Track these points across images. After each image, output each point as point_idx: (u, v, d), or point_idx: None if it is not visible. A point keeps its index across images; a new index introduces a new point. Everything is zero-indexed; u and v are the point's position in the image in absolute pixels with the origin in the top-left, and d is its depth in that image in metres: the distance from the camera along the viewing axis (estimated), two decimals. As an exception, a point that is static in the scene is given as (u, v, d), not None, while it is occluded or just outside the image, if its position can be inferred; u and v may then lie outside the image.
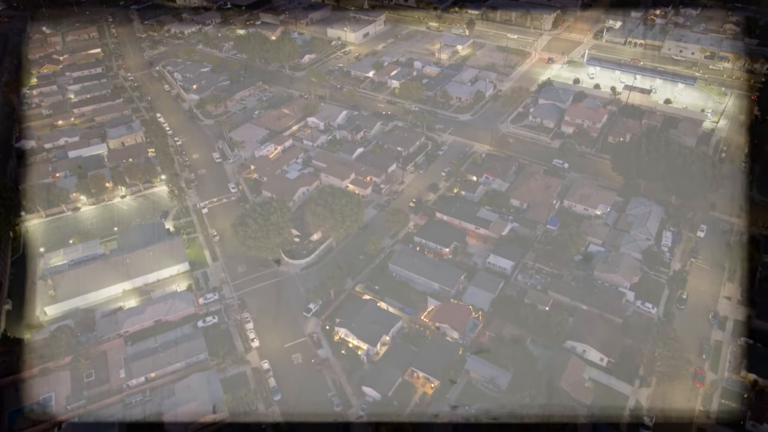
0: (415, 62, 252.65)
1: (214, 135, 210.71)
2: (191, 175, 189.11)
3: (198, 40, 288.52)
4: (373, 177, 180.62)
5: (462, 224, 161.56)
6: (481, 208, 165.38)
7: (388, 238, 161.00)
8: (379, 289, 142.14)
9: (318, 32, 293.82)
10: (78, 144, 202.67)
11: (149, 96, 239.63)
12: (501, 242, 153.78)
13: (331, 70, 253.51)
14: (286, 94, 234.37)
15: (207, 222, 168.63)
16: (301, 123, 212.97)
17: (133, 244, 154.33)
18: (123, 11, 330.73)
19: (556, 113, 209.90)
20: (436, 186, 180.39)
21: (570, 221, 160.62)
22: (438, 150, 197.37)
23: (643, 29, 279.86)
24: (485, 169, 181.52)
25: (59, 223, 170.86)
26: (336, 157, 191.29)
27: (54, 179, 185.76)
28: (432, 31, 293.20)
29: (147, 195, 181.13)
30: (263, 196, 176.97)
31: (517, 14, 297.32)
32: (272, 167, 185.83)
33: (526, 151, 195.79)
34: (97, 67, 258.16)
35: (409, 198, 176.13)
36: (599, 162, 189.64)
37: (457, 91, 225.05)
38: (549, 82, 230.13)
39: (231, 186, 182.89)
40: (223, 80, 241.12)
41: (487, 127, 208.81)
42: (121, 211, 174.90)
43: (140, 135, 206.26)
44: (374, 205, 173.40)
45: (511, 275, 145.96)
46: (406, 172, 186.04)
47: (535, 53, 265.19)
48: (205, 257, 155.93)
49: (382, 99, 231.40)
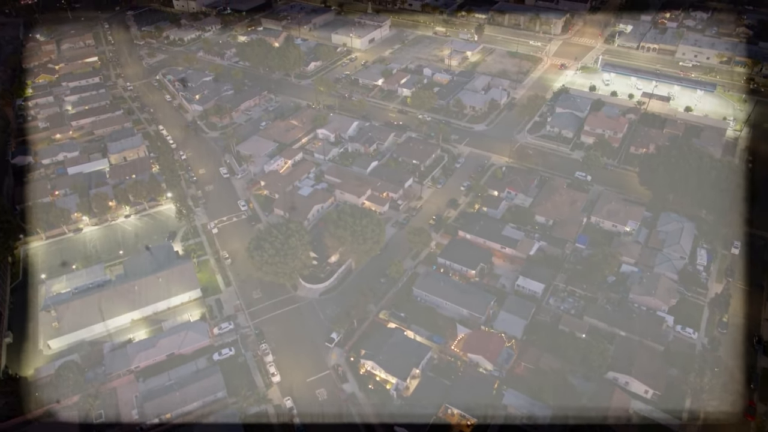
0: (425, 69, 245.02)
1: (220, 148, 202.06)
2: (198, 192, 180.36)
3: (198, 47, 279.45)
4: (389, 193, 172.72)
5: (487, 243, 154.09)
6: (506, 225, 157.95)
7: (409, 259, 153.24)
8: (405, 316, 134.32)
9: (322, 38, 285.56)
10: (78, 159, 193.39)
11: (150, 107, 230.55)
12: (529, 263, 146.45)
13: (338, 78, 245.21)
14: (293, 104, 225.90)
15: (217, 243, 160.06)
16: (311, 135, 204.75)
17: (140, 269, 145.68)
18: (119, 17, 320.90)
19: (574, 122, 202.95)
20: (455, 202, 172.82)
21: (599, 239, 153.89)
22: (455, 162, 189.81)
23: (654, 33, 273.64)
24: (506, 183, 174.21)
25: (60, 246, 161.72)
26: (349, 171, 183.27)
27: (53, 198, 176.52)
28: (439, 36, 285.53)
29: (152, 214, 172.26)
30: (275, 214, 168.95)
31: (525, 18, 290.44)
32: (283, 183, 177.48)
33: (546, 163, 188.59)
34: (94, 76, 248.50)
35: (429, 215, 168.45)
36: (623, 174, 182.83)
37: (470, 100, 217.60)
38: (565, 89, 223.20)
39: (241, 203, 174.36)
40: (226, 90, 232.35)
41: (503, 138, 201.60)
42: (126, 231, 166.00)
43: (143, 149, 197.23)
44: (392, 223, 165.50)
45: (543, 299, 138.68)
46: (423, 187, 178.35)
47: (547, 59, 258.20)
48: (217, 282, 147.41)
49: (392, 108, 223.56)
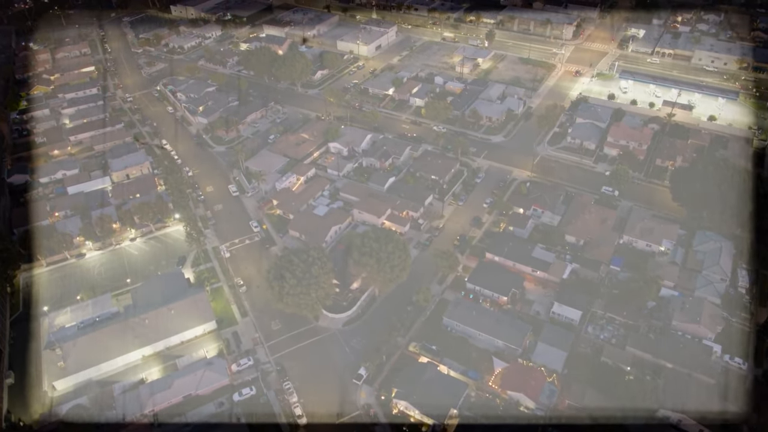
0: (436, 77, 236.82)
1: (227, 164, 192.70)
2: (207, 212, 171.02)
3: (199, 55, 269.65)
4: (409, 211, 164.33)
5: (516, 266, 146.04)
6: (535, 246, 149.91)
7: (435, 284, 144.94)
8: (437, 349, 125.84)
9: (327, 45, 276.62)
10: (78, 177, 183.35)
11: (152, 119, 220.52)
12: (563, 287, 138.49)
13: (346, 87, 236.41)
14: (301, 116, 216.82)
15: (230, 268, 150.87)
16: (322, 149, 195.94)
17: (150, 299, 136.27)
18: (115, 24, 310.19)
19: (596, 133, 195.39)
20: (479, 220, 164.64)
21: (634, 260, 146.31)
22: (475, 177, 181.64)
23: (668, 38, 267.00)
24: (532, 200, 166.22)
25: (63, 273, 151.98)
26: (366, 188, 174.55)
27: (53, 220, 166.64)
28: (448, 42, 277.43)
29: (159, 237, 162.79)
30: (290, 235, 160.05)
31: (536, 23, 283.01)
32: (297, 202, 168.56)
33: (570, 177, 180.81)
34: (92, 87, 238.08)
35: (452, 235, 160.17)
36: (651, 188, 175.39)
37: (487, 110, 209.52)
38: (584, 98, 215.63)
39: (253, 224, 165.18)
40: (231, 101, 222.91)
41: (523, 150, 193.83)
42: (132, 256, 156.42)
43: (146, 166, 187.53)
44: (414, 244, 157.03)
45: (581, 327, 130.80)
46: (444, 204, 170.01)
47: (561, 65, 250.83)
48: (232, 312, 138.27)
49: (405, 119, 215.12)
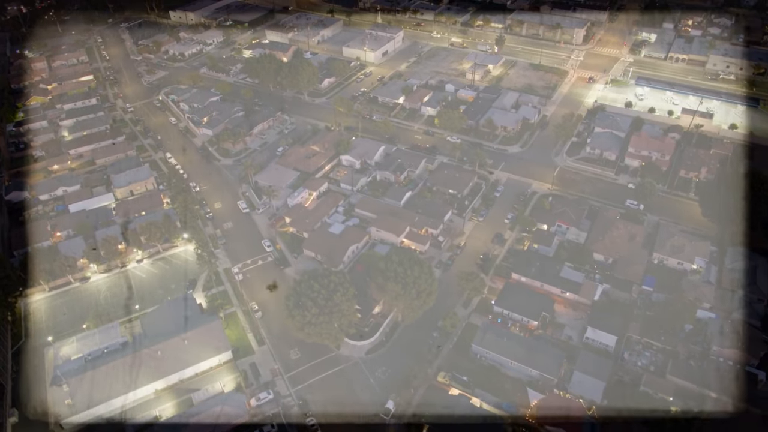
0: (447, 85, 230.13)
1: (235, 178, 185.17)
2: (216, 230, 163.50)
3: (201, 63, 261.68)
4: (429, 229, 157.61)
5: (544, 287, 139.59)
6: (563, 266, 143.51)
7: (460, 306, 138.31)
8: (467, 380, 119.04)
9: (332, 51, 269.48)
10: (79, 194, 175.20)
11: (154, 131, 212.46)
12: (595, 310, 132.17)
13: (354, 95, 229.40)
14: (310, 126, 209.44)
15: (243, 292, 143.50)
16: (334, 161, 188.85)
17: (161, 327, 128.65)
18: (112, 30, 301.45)
19: (615, 143, 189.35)
20: (501, 237, 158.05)
21: (666, 280, 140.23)
22: (494, 191, 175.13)
23: (681, 43, 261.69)
24: (556, 215, 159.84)
25: (66, 299, 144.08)
26: (382, 204, 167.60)
27: (55, 240, 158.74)
28: (456, 47, 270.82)
29: (167, 258, 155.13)
30: (305, 255, 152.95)
31: (545, 28, 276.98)
32: (311, 219, 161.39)
33: (592, 189, 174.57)
34: (90, 97, 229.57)
35: (474, 253, 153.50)
36: (677, 201, 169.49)
37: (502, 120, 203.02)
38: (601, 107, 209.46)
39: (266, 244, 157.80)
40: (237, 111, 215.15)
41: (541, 161, 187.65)
42: (139, 279, 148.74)
43: (151, 181, 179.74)
44: (435, 264, 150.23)
45: (617, 354, 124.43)
46: (464, 221, 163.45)
47: (573, 71, 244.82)
48: (249, 341, 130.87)
49: (417, 129, 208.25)
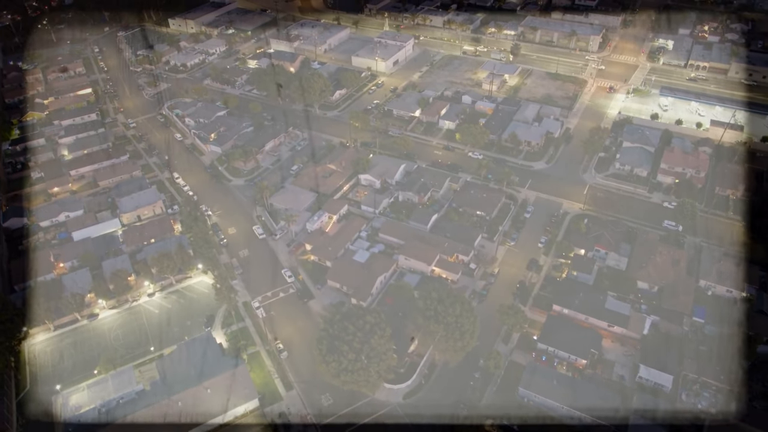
0: (464, 96, 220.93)
1: (248, 200, 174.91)
2: (232, 259, 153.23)
3: (204, 74, 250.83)
4: (459, 255, 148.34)
5: (589, 320, 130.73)
6: (607, 296, 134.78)
7: (499, 342, 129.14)
8: (518, 429, 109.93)
9: (340, 60, 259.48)
10: (83, 220, 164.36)
11: (159, 149, 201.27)
12: (646, 346, 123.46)
13: (368, 108, 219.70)
14: (324, 142, 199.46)
15: (265, 328, 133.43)
16: (352, 181, 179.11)
17: (180, 372, 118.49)
18: (109, 39, 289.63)
19: (646, 159, 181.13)
20: (536, 263, 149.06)
21: (716, 310, 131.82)
22: (524, 212, 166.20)
23: (700, 49, 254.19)
24: (593, 239, 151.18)
25: (74, 339, 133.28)
26: (407, 228, 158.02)
27: (58, 272, 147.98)
28: (469, 56, 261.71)
29: (181, 291, 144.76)
30: (329, 286, 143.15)
31: (560, 34, 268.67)
32: (333, 246, 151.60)
33: (626, 209, 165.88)
34: (90, 112, 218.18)
35: (509, 282, 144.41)
36: (715, 221, 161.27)
37: (525, 134, 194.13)
38: (628, 119, 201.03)
39: (286, 274, 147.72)
40: (245, 126, 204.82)
41: (569, 178, 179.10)
42: (152, 316, 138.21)
43: (159, 205, 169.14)
44: (469, 294, 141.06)
45: (674, 395, 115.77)
46: (495, 245, 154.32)
47: (592, 80, 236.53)
48: (275, 385, 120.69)
49: (436, 144, 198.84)
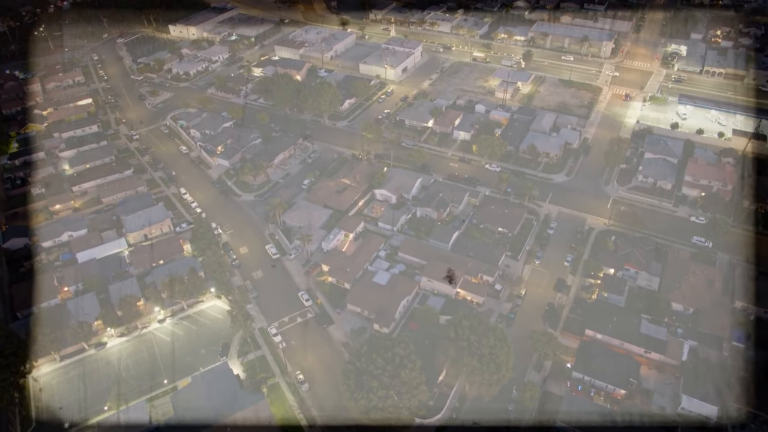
0: (477, 105, 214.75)
1: (259, 217, 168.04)
2: (246, 282, 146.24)
3: (207, 82, 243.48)
4: (484, 276, 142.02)
5: (624, 346, 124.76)
6: (641, 319, 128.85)
7: (531, 370, 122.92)
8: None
9: (347, 68, 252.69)
10: (87, 240, 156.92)
11: (164, 162, 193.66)
12: (686, 373, 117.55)
13: (379, 118, 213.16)
14: (336, 154, 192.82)
15: (284, 358, 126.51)
16: (367, 196, 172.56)
17: (197, 409, 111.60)
18: (108, 46, 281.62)
19: (670, 171, 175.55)
20: (564, 283, 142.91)
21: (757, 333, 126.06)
22: (547, 228, 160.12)
23: (715, 55, 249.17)
24: (622, 257, 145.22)
25: (81, 370, 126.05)
26: (427, 246, 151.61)
27: (63, 297, 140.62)
28: (479, 62, 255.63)
29: (193, 316, 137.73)
30: (349, 310, 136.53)
31: (571, 40, 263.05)
32: (351, 267, 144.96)
33: (653, 224, 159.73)
34: (91, 123, 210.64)
35: (537, 304, 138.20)
36: (745, 237, 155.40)
37: (543, 145, 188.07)
38: (649, 129, 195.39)
39: (303, 297, 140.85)
40: (254, 138, 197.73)
41: (591, 191, 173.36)
42: (163, 344, 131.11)
43: (167, 223, 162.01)
44: (496, 318, 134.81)
45: (722, 428, 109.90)
46: (519, 264, 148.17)
47: (607, 88, 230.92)
48: (297, 421, 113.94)
49: (451, 156, 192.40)
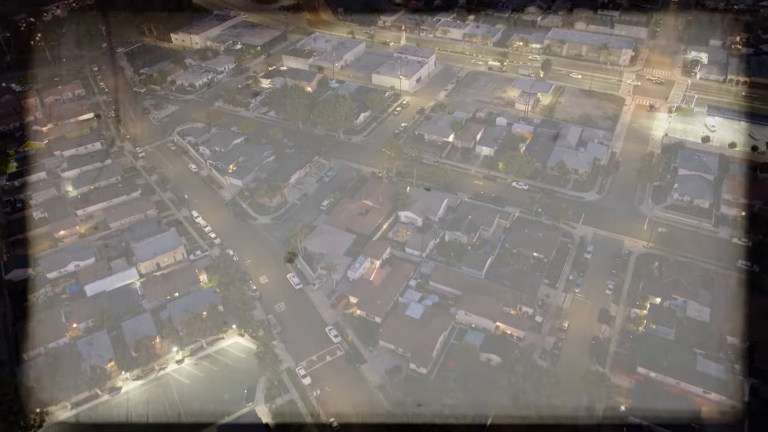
0: (498, 118, 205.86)
1: (277, 241, 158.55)
2: (268, 316, 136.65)
3: (214, 95, 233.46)
4: (523, 307, 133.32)
5: (680, 386, 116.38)
6: (696, 356, 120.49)
7: (582, 412, 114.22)
8: None
9: (359, 78, 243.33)
10: (95, 270, 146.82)
11: (173, 182, 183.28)
12: (751, 416, 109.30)
13: (395, 132, 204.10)
14: (354, 173, 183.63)
15: (315, 402, 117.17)
16: (391, 219, 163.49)
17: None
18: (108, 57, 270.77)
19: (706, 188, 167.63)
20: (607, 314, 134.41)
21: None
22: (584, 252, 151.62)
23: (737, 62, 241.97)
24: (668, 285, 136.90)
25: (95, 419, 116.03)
26: (460, 274, 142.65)
27: (72, 335, 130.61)
28: (495, 72, 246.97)
29: (213, 356, 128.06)
30: (381, 346, 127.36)
31: (588, 48, 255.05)
32: (382, 298, 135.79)
33: (694, 247, 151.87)
34: (94, 140, 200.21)
35: (581, 338, 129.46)
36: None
37: (573, 161, 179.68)
38: (681, 143, 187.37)
39: (331, 332, 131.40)
40: (267, 156, 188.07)
41: (625, 211, 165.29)
42: (183, 387, 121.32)
43: (181, 251, 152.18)
44: (540, 354, 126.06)
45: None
46: (558, 292, 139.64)
47: (631, 98, 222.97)
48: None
49: (475, 173, 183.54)
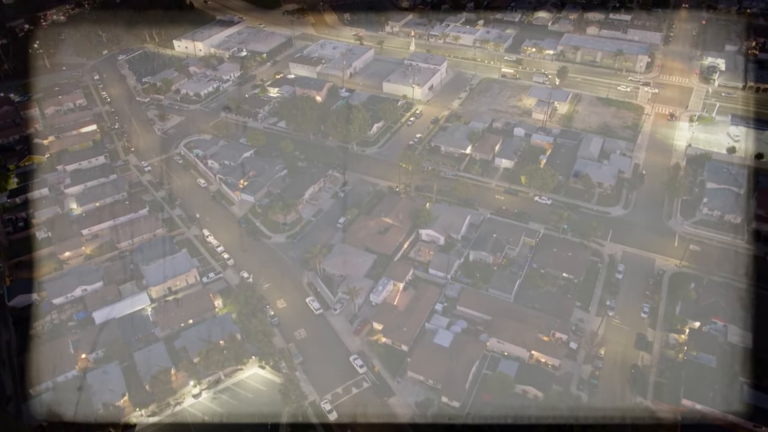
0: (516, 129, 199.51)
1: (294, 262, 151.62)
2: (289, 344, 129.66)
3: (220, 104, 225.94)
4: (557, 333, 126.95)
5: (728, 418, 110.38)
6: (742, 385, 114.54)
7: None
8: None
9: (369, 87, 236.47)
10: (103, 295, 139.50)
11: (181, 198, 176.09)
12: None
13: (410, 144, 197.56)
14: (371, 187, 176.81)
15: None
16: (412, 237, 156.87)
17: None
18: (109, 64, 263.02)
19: (737, 203, 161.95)
20: (644, 339, 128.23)
21: None
22: (615, 272, 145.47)
23: (757, 69, 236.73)
24: (708, 309, 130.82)
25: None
26: (488, 298, 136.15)
27: (81, 367, 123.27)
28: (509, 79, 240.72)
29: (233, 388, 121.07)
30: (410, 377, 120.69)
31: (603, 54, 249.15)
32: (408, 324, 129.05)
33: (729, 266, 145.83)
34: (98, 154, 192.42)
35: (619, 365, 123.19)
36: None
37: (597, 174, 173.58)
38: (708, 155, 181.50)
39: (356, 362, 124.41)
40: (279, 170, 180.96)
41: (654, 227, 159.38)
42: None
43: (194, 274, 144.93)
44: (577, 384, 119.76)
45: None
46: (591, 316, 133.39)
47: (650, 106, 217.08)
48: None
49: (495, 187, 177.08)
